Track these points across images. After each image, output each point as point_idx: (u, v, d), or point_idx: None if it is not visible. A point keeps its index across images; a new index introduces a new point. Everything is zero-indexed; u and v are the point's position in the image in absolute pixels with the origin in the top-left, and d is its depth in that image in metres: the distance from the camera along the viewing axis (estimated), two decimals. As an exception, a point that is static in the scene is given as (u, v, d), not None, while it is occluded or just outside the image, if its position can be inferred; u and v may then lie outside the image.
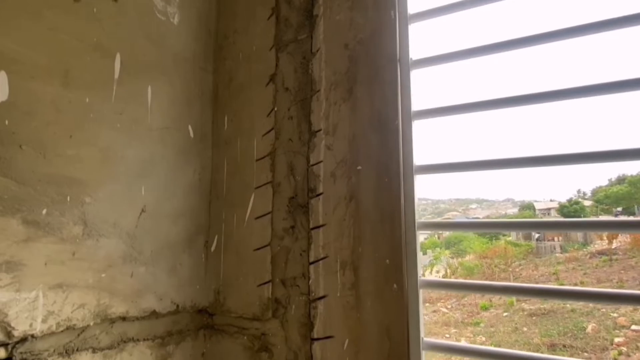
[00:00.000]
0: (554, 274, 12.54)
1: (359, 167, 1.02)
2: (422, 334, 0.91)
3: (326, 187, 1.07)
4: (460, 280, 1.01)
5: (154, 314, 1.10)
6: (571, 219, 1.04)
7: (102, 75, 0.97)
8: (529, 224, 0.92)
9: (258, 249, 1.21)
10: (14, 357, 0.78)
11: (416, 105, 0.99)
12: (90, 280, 0.92)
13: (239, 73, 1.30)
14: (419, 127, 0.97)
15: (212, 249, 1.30)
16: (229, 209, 1.28)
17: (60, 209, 0.86)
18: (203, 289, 1.27)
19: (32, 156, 0.81)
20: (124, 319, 1.01)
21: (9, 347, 0.78)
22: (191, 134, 1.25)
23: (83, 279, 0.90)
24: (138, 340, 1.05)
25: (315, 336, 1.05)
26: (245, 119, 1.27)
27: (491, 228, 1.00)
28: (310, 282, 1.08)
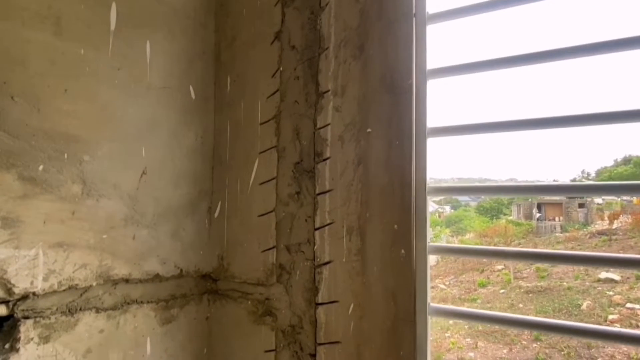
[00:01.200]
0: (552, 253, 12.71)
1: (369, 130, 0.97)
2: (429, 299, 0.89)
3: (333, 151, 1.03)
4: (468, 245, 0.98)
5: (157, 277, 1.09)
6: (574, 183, 1.00)
7: (97, 25, 0.91)
8: (537, 189, 0.88)
9: (262, 215, 1.18)
10: (15, 314, 0.78)
11: (431, 63, 0.93)
12: (92, 240, 0.90)
13: (243, 31, 1.23)
14: (433, 87, 0.92)
15: (216, 214, 1.28)
16: (232, 174, 1.25)
17: (57, 166, 0.83)
18: (207, 255, 1.25)
19: (26, 109, 0.77)
20: (127, 281, 1.00)
21: (10, 304, 0.77)
22: (192, 95, 1.20)
23: (84, 239, 0.88)
24: (142, 302, 1.05)
25: (320, 301, 1.05)
26: (248, 80, 1.21)
27: (501, 193, 0.96)
28: (315, 247, 1.06)
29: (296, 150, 1.12)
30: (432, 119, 0.92)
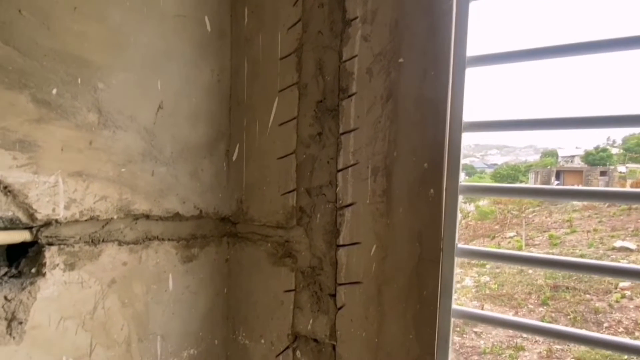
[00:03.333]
0: (567, 221, 12.50)
1: (401, 60, 0.89)
2: (456, 240, 0.86)
3: (360, 85, 0.96)
4: (501, 184, 0.92)
5: (177, 216, 1.08)
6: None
7: (105, -63, 0.82)
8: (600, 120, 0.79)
9: (282, 157, 1.14)
10: (40, 240, 0.78)
11: (475, -19, 0.82)
12: (110, 173, 0.88)
13: (261, -47, 1.11)
14: (476, 9, 0.82)
15: (234, 157, 1.24)
16: (250, 115, 1.19)
17: (71, 91, 0.78)
18: (225, 198, 1.24)
19: (34, 25, 0.72)
20: (147, 217, 1.00)
21: (34, 231, 0.77)
22: (208, 27, 1.11)
23: (103, 171, 0.86)
24: (163, 239, 1.05)
25: (341, 243, 1.03)
26: (268, 9, 1.11)
27: (548, 127, 0.86)
28: (337, 190, 1.03)
29: (319, 87, 1.05)
30: (473, 46, 0.83)
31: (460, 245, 0.86)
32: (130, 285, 0.95)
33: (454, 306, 0.86)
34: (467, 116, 0.85)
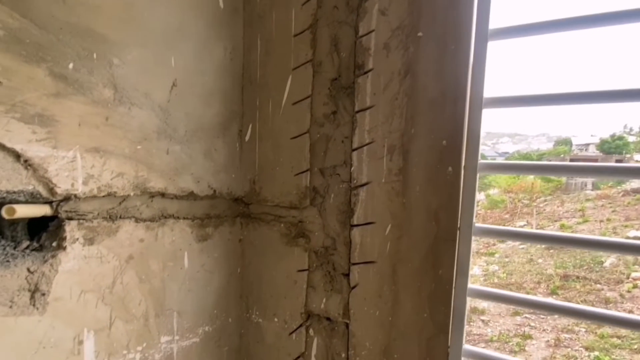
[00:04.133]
0: (579, 210, 12.31)
1: (420, 34, 0.86)
2: (474, 219, 0.84)
3: (377, 61, 0.93)
4: (521, 161, 0.90)
5: (192, 195, 1.09)
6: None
7: None
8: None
9: (295, 137, 1.13)
10: (60, 215, 0.79)
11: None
12: (127, 150, 0.88)
13: None
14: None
15: (247, 138, 1.24)
16: (263, 94, 1.18)
17: (87, 66, 0.78)
18: (238, 179, 1.24)
19: (50, -3, 0.71)
20: (163, 195, 1.00)
21: (54, 205, 0.78)
22: (221, 4, 1.10)
23: (119, 147, 0.86)
24: (178, 217, 1.06)
25: (355, 222, 1.02)
26: (282, -16, 1.09)
27: (569, 101, 0.83)
28: (352, 169, 1.02)
29: (334, 64, 1.03)
30: (495, 20, 0.80)
31: (478, 224, 0.85)
32: (147, 262, 0.97)
33: (470, 285, 0.85)
34: (488, 92, 0.83)
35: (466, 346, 0.88)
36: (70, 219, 0.80)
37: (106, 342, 0.88)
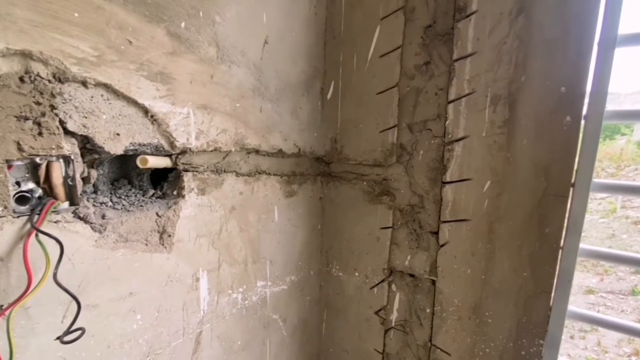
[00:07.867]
0: (676, 181, 10.66)
1: (540, -36, 0.76)
2: (593, 174, 0.77)
3: (482, 1, 0.85)
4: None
5: (280, 153, 1.13)
6: None
7: None
8: None
9: (382, 92, 1.10)
10: (178, 167, 0.87)
11: None
12: (228, 107, 0.93)
13: None
14: None
15: (329, 96, 1.23)
16: (347, 48, 1.15)
17: (195, 24, 0.82)
18: (319, 137, 1.26)
19: (163, -43, 0.74)
20: (257, 151, 1.05)
21: (174, 157, 0.86)
22: (307, -46, 1.06)
23: (222, 105, 0.91)
24: (269, 174, 1.12)
25: (448, 179, 0.99)
26: None
27: None
28: (446, 123, 0.97)
29: (428, 10, 0.96)
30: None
31: (596, 180, 0.77)
32: (245, 213, 1.04)
33: (582, 245, 0.80)
34: (622, 28, 0.71)
35: (571, 307, 0.84)
36: (186, 170, 0.88)
37: (216, 281, 0.98)
